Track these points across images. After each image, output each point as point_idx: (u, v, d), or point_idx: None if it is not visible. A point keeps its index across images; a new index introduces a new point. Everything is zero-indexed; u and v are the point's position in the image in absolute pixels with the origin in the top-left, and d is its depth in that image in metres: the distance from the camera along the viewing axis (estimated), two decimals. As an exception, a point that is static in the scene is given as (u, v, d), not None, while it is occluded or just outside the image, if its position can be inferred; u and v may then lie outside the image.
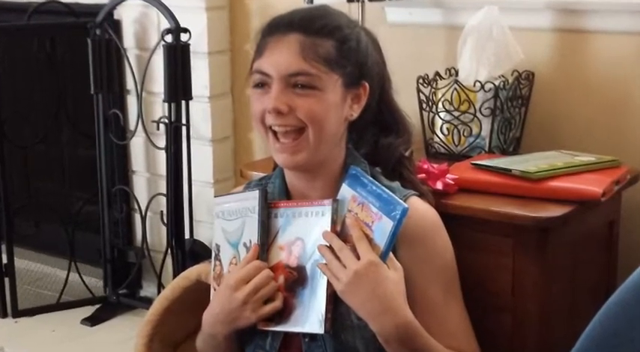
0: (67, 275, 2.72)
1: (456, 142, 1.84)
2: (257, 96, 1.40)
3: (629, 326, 1.02)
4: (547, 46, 1.92)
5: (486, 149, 1.82)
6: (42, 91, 2.72)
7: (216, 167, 2.52)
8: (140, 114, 2.51)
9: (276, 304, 1.37)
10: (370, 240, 1.31)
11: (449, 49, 1.98)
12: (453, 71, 1.93)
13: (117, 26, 2.60)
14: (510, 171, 1.60)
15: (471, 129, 1.82)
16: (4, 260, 2.64)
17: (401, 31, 2.09)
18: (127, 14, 2.59)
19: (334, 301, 1.34)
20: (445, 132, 1.85)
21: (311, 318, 1.35)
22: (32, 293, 2.78)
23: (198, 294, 1.55)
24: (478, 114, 1.80)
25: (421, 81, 1.88)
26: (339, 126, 1.41)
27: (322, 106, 1.37)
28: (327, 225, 1.36)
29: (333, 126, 1.40)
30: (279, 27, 1.40)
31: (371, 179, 1.36)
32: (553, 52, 1.92)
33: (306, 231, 1.38)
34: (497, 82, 1.80)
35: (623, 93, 1.86)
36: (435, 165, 1.59)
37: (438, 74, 1.91)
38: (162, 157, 2.49)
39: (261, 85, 1.39)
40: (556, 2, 1.90)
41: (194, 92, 2.39)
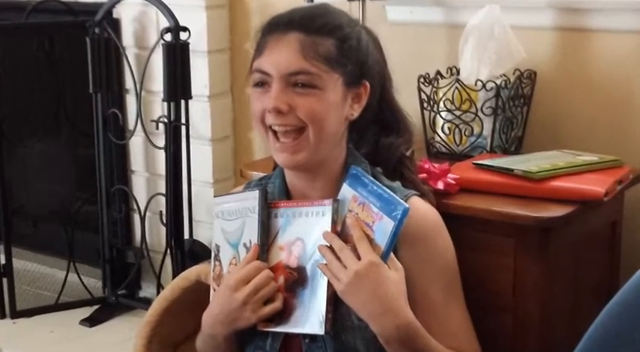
0: (66, 276, 2.72)
1: (457, 142, 1.84)
2: (257, 96, 1.40)
3: (632, 327, 1.02)
4: (549, 44, 1.92)
5: (488, 149, 1.82)
6: (41, 90, 2.71)
7: (215, 167, 2.52)
8: (139, 114, 2.51)
9: (276, 305, 1.37)
10: (371, 241, 1.31)
11: (450, 47, 1.98)
12: (454, 70, 1.93)
13: (116, 25, 2.59)
14: (512, 170, 1.60)
15: (472, 129, 1.82)
16: (3, 260, 2.63)
17: (402, 29, 2.09)
18: (126, 13, 2.59)
19: (335, 302, 1.34)
20: (446, 131, 1.84)
21: (311, 319, 1.35)
22: (30, 293, 2.77)
23: (198, 295, 1.54)
24: (480, 114, 1.80)
25: (422, 80, 1.88)
26: (339, 125, 1.41)
27: (322, 106, 1.37)
28: (328, 225, 1.35)
29: (334, 126, 1.39)
30: (280, 26, 1.39)
31: (372, 179, 1.36)
32: (555, 51, 1.91)
33: (306, 231, 1.38)
34: (498, 81, 1.80)
35: (626, 93, 1.85)
36: (437, 165, 1.59)
37: (439, 73, 1.91)
38: (161, 157, 2.48)
39: (261, 84, 1.39)
40: (558, 1, 1.89)
41: (193, 91, 2.39)
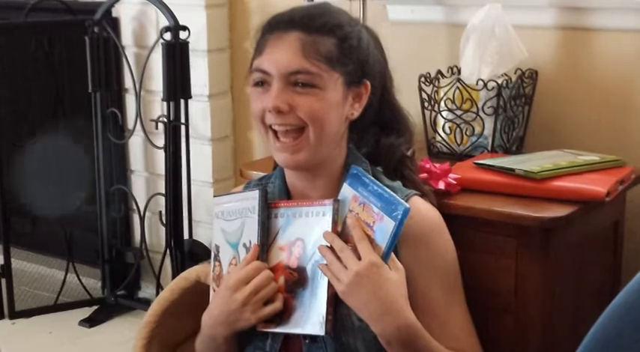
0: (65, 276, 2.71)
1: (458, 141, 1.83)
2: (257, 95, 1.40)
3: (634, 328, 1.01)
4: (551, 44, 1.91)
5: (489, 148, 1.81)
6: (39, 90, 2.71)
7: (215, 166, 2.52)
8: (138, 113, 2.51)
9: (277, 305, 1.36)
10: (371, 241, 1.30)
11: (451, 47, 1.98)
12: (455, 69, 1.93)
13: (115, 24, 2.59)
14: (513, 170, 1.59)
15: (473, 129, 1.81)
16: (1, 260, 2.63)
17: (403, 28, 2.08)
18: (125, 12, 2.59)
19: (335, 302, 1.33)
20: (447, 131, 1.84)
21: (311, 320, 1.34)
22: (29, 294, 2.77)
23: (198, 295, 1.54)
24: (481, 113, 1.80)
25: (423, 79, 1.88)
26: (339, 125, 1.40)
27: (323, 105, 1.36)
28: (328, 226, 1.35)
29: (334, 126, 1.39)
30: (280, 25, 1.39)
31: (372, 179, 1.35)
32: (557, 51, 1.91)
33: (306, 231, 1.37)
34: (500, 81, 1.79)
35: (628, 92, 1.85)
36: (437, 165, 1.59)
37: (440, 72, 1.90)
38: (160, 157, 2.48)
39: (261, 83, 1.39)
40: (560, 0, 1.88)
41: (193, 91, 2.39)
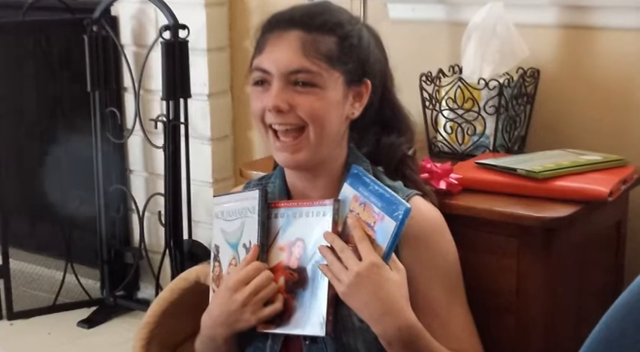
0: (63, 277, 2.71)
1: (459, 141, 1.83)
2: (257, 94, 1.39)
3: (637, 328, 1.01)
4: (552, 43, 1.91)
5: (491, 148, 1.81)
6: (38, 89, 2.70)
7: (215, 166, 2.51)
8: (138, 113, 2.51)
9: (277, 306, 1.36)
10: (372, 241, 1.30)
11: (452, 46, 1.97)
12: (456, 68, 1.92)
13: (114, 23, 2.60)
14: (515, 170, 1.59)
15: (475, 128, 1.81)
16: (-1, 261, 2.62)
17: (403, 27, 2.08)
18: (124, 10, 2.59)
19: (335, 303, 1.32)
20: (449, 130, 1.83)
21: (312, 320, 1.33)
22: (27, 294, 2.76)
23: (197, 296, 1.54)
24: (482, 113, 1.79)
25: (424, 78, 1.87)
26: (340, 124, 1.40)
27: (323, 104, 1.36)
28: (329, 226, 1.34)
29: (335, 125, 1.38)
30: (280, 23, 1.38)
31: (373, 178, 1.35)
32: (559, 49, 1.90)
33: (306, 231, 1.37)
34: (501, 80, 1.79)
35: (631, 91, 1.84)
36: (439, 165, 1.58)
37: (441, 71, 1.90)
38: (160, 156, 2.48)
39: (261, 82, 1.38)
40: (561, -2, 1.89)
41: (193, 90, 2.39)
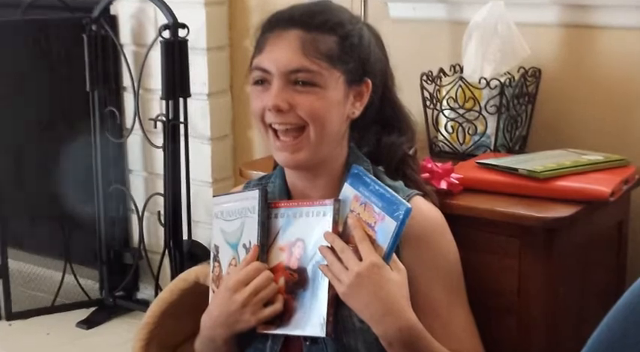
0: (62, 277, 2.71)
1: (460, 141, 1.82)
2: (257, 94, 1.39)
3: (639, 329, 1.00)
4: (554, 42, 1.91)
5: (492, 148, 1.81)
6: (36, 88, 2.69)
7: (214, 166, 2.51)
8: (137, 112, 2.51)
9: (277, 307, 1.35)
10: (373, 241, 1.30)
11: (453, 45, 1.97)
12: (457, 68, 1.92)
13: (113, 22, 2.59)
14: (516, 170, 1.59)
15: (476, 128, 1.80)
16: (-2, 261, 2.62)
17: (404, 26, 2.08)
18: (123, 9, 2.59)
19: (336, 303, 1.32)
20: (450, 130, 1.83)
21: (312, 321, 1.33)
22: (26, 295, 2.75)
23: (197, 297, 1.53)
24: (483, 112, 1.79)
25: (425, 78, 1.87)
26: (340, 124, 1.40)
27: (323, 104, 1.36)
28: (329, 226, 1.34)
29: (335, 124, 1.38)
30: (280, 22, 1.38)
31: (374, 178, 1.35)
32: (560, 48, 1.90)
33: (307, 231, 1.36)
34: (502, 79, 1.79)
35: (632, 90, 1.84)
36: (439, 164, 1.58)
37: (442, 71, 1.90)
38: (159, 156, 2.48)
39: (261, 81, 1.38)
40: (563, -3, 1.88)
41: (192, 89, 2.39)
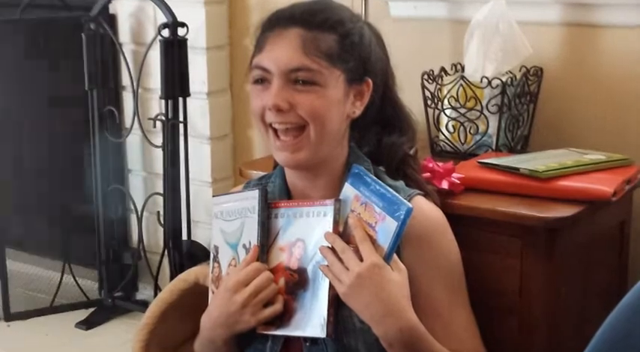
0: (61, 278, 2.70)
1: (462, 140, 1.82)
2: (257, 93, 1.39)
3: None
4: (556, 40, 1.90)
5: (493, 147, 1.81)
6: (35, 88, 2.69)
7: (214, 166, 2.51)
8: (136, 111, 2.51)
9: (277, 307, 1.35)
10: (374, 241, 1.29)
11: (455, 44, 1.97)
12: (458, 67, 1.92)
13: (112, 20, 2.59)
14: (518, 169, 1.58)
15: (477, 127, 1.80)
16: (-3, 261, 2.61)
17: (405, 25, 2.08)
18: (122, 8, 2.59)
19: (336, 304, 1.32)
20: (451, 129, 1.83)
21: (312, 322, 1.33)
22: (25, 296, 2.75)
23: (196, 297, 1.53)
24: (485, 112, 1.79)
25: (426, 77, 1.87)
26: (341, 123, 1.39)
27: (324, 103, 1.35)
28: (329, 226, 1.33)
29: (335, 124, 1.38)
30: (280, 21, 1.38)
31: (374, 178, 1.34)
32: (562, 47, 1.90)
33: (307, 231, 1.36)
34: (504, 78, 1.78)
35: (635, 90, 1.84)
36: (441, 164, 1.58)
37: (443, 70, 1.89)
38: (159, 155, 2.48)
39: (261, 80, 1.38)
40: (565, -4, 1.88)
41: (192, 88, 2.39)
